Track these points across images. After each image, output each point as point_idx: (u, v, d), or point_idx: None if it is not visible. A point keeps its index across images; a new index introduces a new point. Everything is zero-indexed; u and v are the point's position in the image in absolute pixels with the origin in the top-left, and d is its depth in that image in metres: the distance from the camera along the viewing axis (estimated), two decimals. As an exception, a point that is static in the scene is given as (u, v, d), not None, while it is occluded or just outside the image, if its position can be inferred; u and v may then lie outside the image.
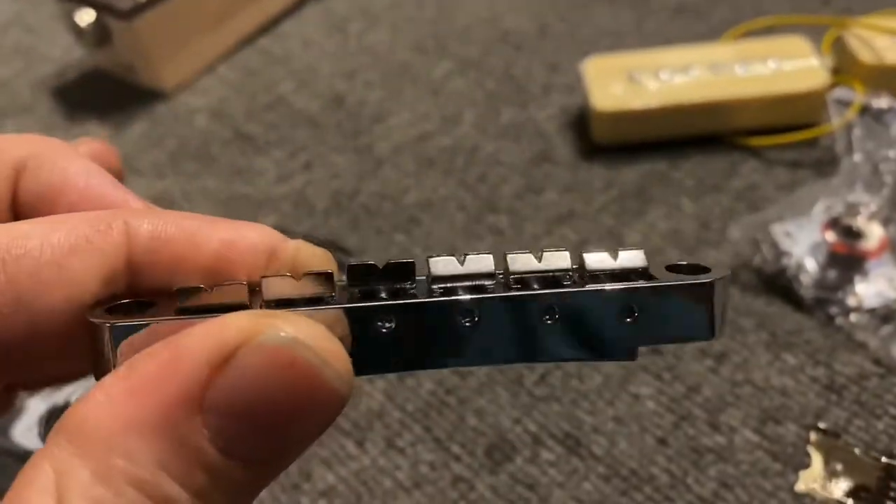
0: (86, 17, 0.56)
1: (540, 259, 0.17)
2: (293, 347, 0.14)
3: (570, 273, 0.18)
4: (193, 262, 0.18)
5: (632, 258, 0.18)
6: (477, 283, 0.17)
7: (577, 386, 0.39)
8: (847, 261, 0.41)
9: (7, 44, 0.68)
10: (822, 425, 0.36)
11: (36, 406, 0.32)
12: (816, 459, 0.34)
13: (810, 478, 0.34)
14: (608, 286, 0.17)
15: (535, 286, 0.17)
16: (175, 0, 0.57)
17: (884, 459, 0.33)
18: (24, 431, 0.29)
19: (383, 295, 0.17)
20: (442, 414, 0.39)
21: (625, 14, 0.62)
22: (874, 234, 0.41)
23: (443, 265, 0.17)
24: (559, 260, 0.17)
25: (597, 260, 0.18)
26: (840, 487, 0.33)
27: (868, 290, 0.40)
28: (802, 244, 0.42)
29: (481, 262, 0.17)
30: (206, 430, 0.14)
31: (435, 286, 0.17)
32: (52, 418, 0.33)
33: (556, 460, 0.37)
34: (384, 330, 0.17)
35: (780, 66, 0.50)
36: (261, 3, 0.65)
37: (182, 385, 0.14)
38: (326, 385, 0.15)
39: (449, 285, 0.17)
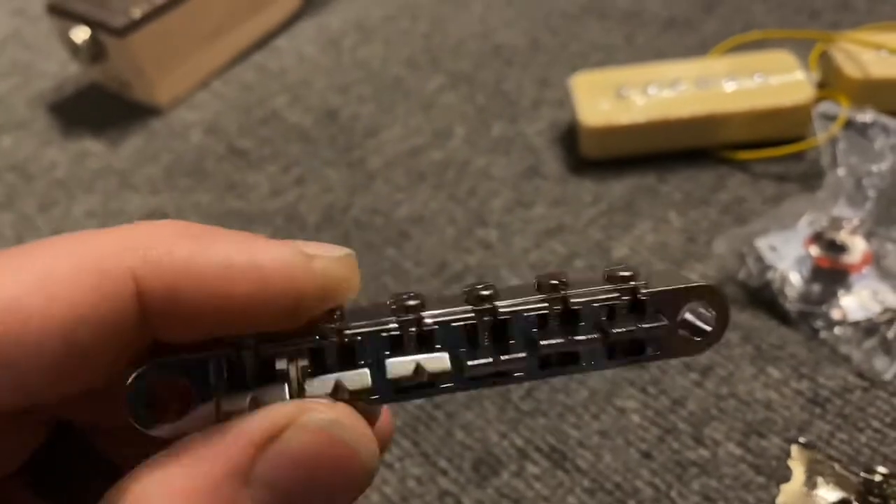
0: (81, 33, 0.57)
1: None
2: (332, 428, 0.16)
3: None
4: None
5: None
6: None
7: (564, 400, 0.39)
8: (831, 275, 0.41)
9: (3, 60, 0.69)
10: (802, 440, 0.36)
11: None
12: (797, 473, 0.35)
13: (790, 492, 0.34)
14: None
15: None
16: (169, 16, 0.58)
17: (862, 474, 0.33)
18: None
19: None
20: (430, 428, 0.39)
21: (615, 29, 0.63)
22: (857, 248, 0.42)
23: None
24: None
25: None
26: (820, 501, 0.34)
27: (852, 304, 0.40)
28: (787, 258, 0.42)
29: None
30: (253, 503, 0.16)
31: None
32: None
33: (542, 474, 0.37)
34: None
35: (767, 80, 0.50)
36: (255, 19, 0.65)
37: (231, 459, 0.16)
38: (362, 462, 0.17)
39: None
